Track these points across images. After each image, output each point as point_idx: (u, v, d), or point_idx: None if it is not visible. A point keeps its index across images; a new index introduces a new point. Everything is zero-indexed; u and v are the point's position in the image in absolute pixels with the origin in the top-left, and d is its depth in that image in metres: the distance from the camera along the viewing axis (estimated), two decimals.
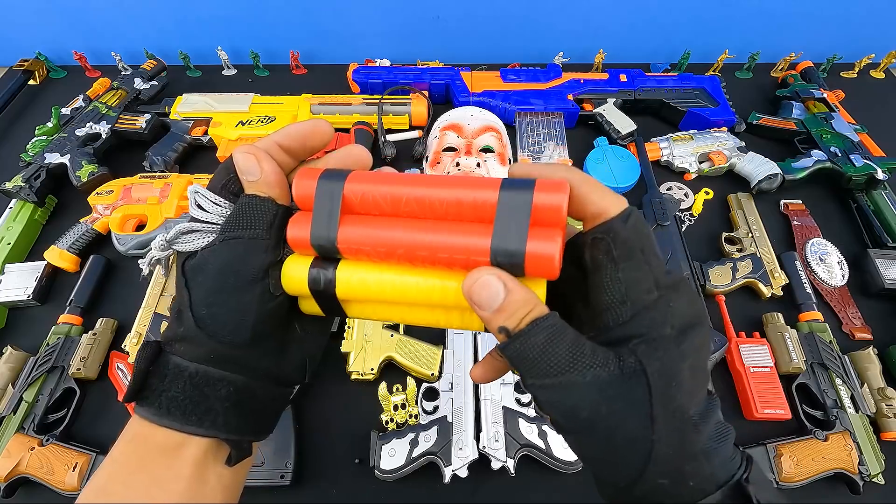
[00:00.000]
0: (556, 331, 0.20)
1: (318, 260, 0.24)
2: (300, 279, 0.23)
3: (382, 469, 0.51)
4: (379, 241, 0.22)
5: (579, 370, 0.19)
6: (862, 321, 0.66)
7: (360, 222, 0.22)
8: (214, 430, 0.24)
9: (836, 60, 0.98)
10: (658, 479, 0.19)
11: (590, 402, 0.19)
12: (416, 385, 0.58)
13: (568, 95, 0.89)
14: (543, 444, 0.52)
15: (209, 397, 0.23)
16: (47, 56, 1.00)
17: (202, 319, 0.23)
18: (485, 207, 0.21)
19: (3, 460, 0.52)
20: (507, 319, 0.20)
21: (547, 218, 0.20)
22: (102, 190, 0.75)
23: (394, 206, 0.22)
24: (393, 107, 0.88)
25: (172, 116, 0.86)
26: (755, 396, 0.57)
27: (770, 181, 0.76)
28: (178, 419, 0.23)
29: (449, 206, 0.21)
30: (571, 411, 0.19)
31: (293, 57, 1.00)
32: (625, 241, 0.20)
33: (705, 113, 0.86)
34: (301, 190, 0.23)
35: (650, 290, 0.20)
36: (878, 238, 0.72)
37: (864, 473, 0.53)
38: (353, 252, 0.22)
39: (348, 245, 0.22)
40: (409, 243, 0.21)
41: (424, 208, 0.22)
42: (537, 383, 0.20)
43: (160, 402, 0.23)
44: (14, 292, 0.66)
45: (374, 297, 0.23)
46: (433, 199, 0.21)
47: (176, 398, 0.23)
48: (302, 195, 0.23)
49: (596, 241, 0.21)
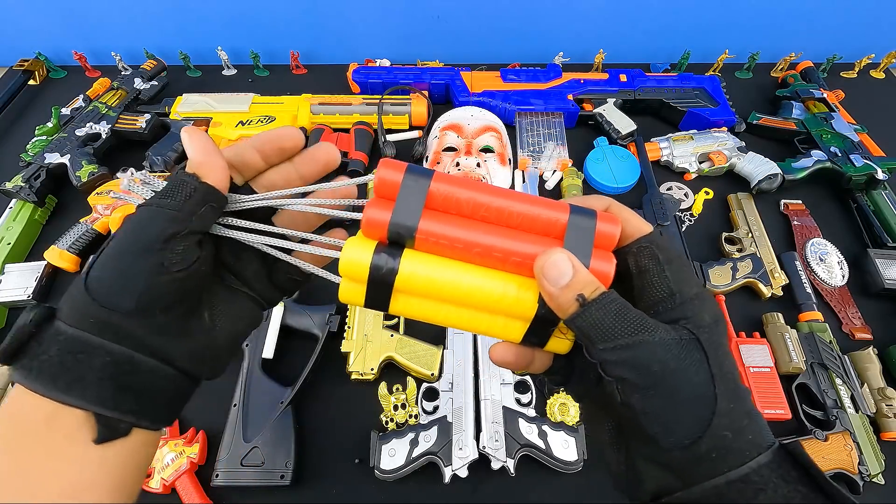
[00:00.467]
0: (622, 300, 0.22)
1: (382, 246, 0.24)
2: (361, 262, 0.24)
3: (382, 469, 0.51)
4: (459, 236, 0.23)
5: (649, 332, 0.22)
6: (862, 321, 0.66)
7: (441, 218, 0.24)
8: (82, 400, 0.22)
9: (836, 60, 0.98)
10: (723, 430, 0.21)
11: (659, 357, 0.21)
12: (416, 385, 0.58)
13: (568, 95, 0.89)
14: (543, 444, 0.52)
15: (82, 364, 0.22)
16: (47, 56, 1.00)
17: (91, 281, 0.23)
18: (556, 226, 0.24)
19: None
20: (584, 288, 0.22)
21: (605, 242, 0.24)
22: (102, 190, 0.75)
23: (473, 209, 0.24)
24: (393, 107, 0.88)
25: (172, 116, 0.86)
26: (755, 396, 0.57)
27: (770, 181, 0.76)
28: (45, 383, 0.22)
29: (523, 219, 0.24)
30: (645, 367, 0.21)
31: (293, 57, 1.00)
32: (666, 248, 0.25)
33: (705, 113, 0.86)
34: (386, 176, 0.24)
35: (693, 286, 0.24)
36: (878, 238, 0.72)
37: (864, 473, 0.53)
38: (428, 243, 0.24)
39: (427, 235, 0.23)
40: (487, 244, 0.24)
41: (501, 217, 0.24)
42: (610, 346, 0.22)
43: (31, 366, 0.22)
44: (14, 292, 0.66)
45: (431, 291, 0.24)
46: (511, 210, 0.24)
47: (47, 362, 0.22)
48: (385, 181, 0.24)
49: (642, 249, 0.25)
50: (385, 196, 0.24)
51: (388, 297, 0.25)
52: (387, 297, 0.25)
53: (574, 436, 0.53)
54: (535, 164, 0.82)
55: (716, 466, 0.21)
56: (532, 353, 0.27)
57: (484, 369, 0.57)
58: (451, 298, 0.24)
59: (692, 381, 0.21)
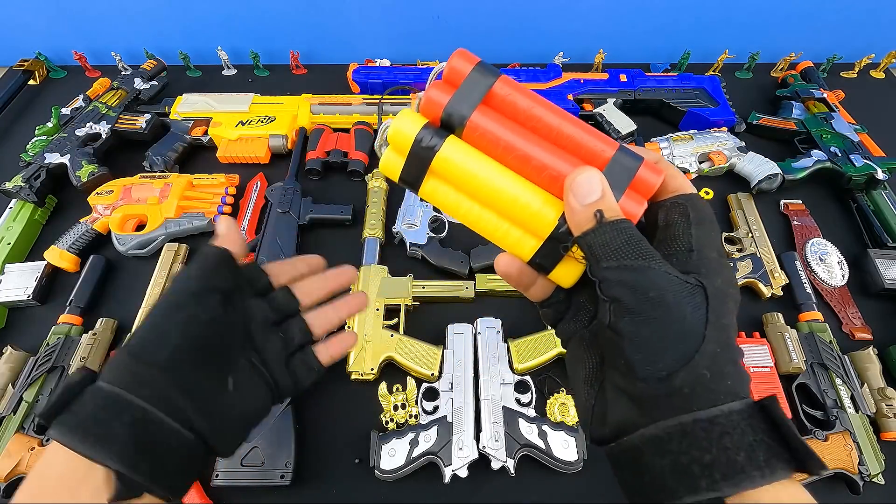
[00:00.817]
0: (639, 234, 0.23)
1: (432, 126, 0.25)
2: (408, 132, 0.25)
3: (382, 469, 0.51)
4: (503, 136, 0.24)
5: (657, 261, 0.22)
6: (862, 321, 0.66)
7: (493, 116, 0.25)
8: (107, 456, 0.23)
9: (836, 60, 0.98)
10: (702, 369, 0.21)
11: (660, 285, 0.21)
12: (416, 385, 0.58)
13: (568, 95, 0.89)
14: (543, 444, 0.52)
15: (112, 420, 0.24)
16: (47, 56, 1.00)
17: (132, 340, 0.25)
18: (600, 157, 0.24)
19: (3, 460, 0.52)
20: (605, 206, 0.23)
21: (641, 188, 0.24)
22: (102, 190, 0.75)
23: (527, 119, 0.25)
24: (393, 107, 0.87)
25: (172, 116, 0.86)
26: (755, 396, 0.57)
27: (770, 181, 0.76)
28: (76, 438, 0.23)
29: (571, 142, 0.25)
30: (642, 290, 0.21)
31: (293, 57, 1.00)
32: (700, 209, 0.24)
33: (705, 113, 0.86)
34: (457, 65, 0.25)
35: (712, 250, 0.24)
36: (878, 238, 0.72)
37: (864, 473, 0.53)
38: (475, 136, 0.25)
39: (477, 126, 0.25)
40: (527, 151, 0.24)
41: (550, 133, 0.25)
42: (613, 265, 0.22)
43: (69, 422, 0.24)
44: (14, 292, 0.66)
45: (462, 182, 0.25)
46: (562, 130, 0.25)
47: (84, 419, 0.24)
48: (455, 70, 0.25)
49: (675, 204, 0.25)
50: (451, 83, 0.25)
51: (423, 175, 0.26)
52: (420, 176, 0.26)
53: (574, 436, 0.53)
54: None
55: (686, 403, 0.21)
56: (535, 276, 0.27)
57: (484, 369, 0.57)
58: (479, 195, 0.26)
59: (685, 318, 0.21)
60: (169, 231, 0.72)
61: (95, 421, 0.24)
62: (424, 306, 0.66)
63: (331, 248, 0.74)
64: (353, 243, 0.73)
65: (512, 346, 0.59)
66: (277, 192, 0.75)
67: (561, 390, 0.58)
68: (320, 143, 0.82)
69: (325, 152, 0.81)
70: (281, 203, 0.73)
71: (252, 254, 0.69)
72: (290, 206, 0.73)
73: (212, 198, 0.76)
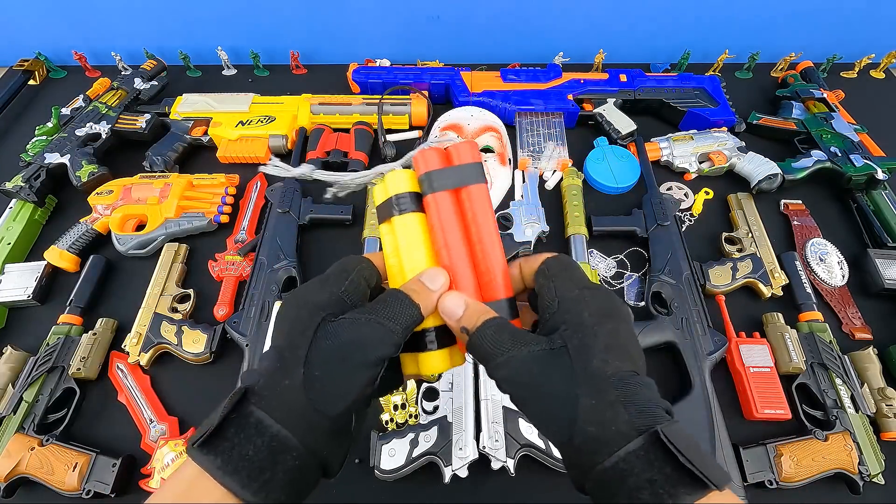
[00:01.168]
0: (501, 325, 0.27)
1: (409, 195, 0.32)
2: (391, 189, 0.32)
3: (382, 469, 0.51)
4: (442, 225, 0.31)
5: (518, 348, 0.25)
6: (862, 321, 0.66)
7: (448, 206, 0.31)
8: (265, 501, 0.22)
9: (836, 60, 0.98)
10: (588, 426, 0.23)
11: (526, 369, 0.25)
12: (416, 385, 0.58)
13: (568, 95, 0.89)
14: (543, 444, 0.52)
15: (277, 465, 0.22)
16: (47, 56, 1.00)
17: (311, 380, 0.23)
18: (495, 282, 0.32)
19: (3, 460, 0.52)
20: (467, 322, 0.27)
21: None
22: (102, 190, 0.75)
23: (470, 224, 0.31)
24: (393, 107, 0.87)
25: (172, 116, 0.86)
26: (755, 396, 0.57)
27: (770, 181, 0.76)
28: (240, 481, 0.21)
29: (483, 261, 0.31)
30: (514, 378, 0.25)
31: (293, 57, 1.00)
32: (554, 262, 0.29)
33: (705, 113, 0.86)
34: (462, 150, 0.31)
35: (572, 289, 0.27)
36: (878, 238, 0.72)
37: (864, 473, 0.53)
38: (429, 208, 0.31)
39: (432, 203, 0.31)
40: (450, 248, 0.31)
41: (473, 247, 0.31)
42: (492, 364, 0.26)
43: (230, 457, 0.21)
44: (14, 292, 0.66)
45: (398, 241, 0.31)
46: (484, 250, 0.31)
47: (247, 457, 0.22)
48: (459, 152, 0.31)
49: (538, 273, 0.29)
50: (446, 157, 0.31)
51: (385, 218, 0.32)
52: (384, 217, 0.32)
53: None
54: (535, 164, 0.82)
55: (592, 458, 0.22)
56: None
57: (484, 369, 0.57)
58: (402, 258, 0.31)
59: (556, 387, 0.24)
60: (169, 231, 0.72)
61: (261, 467, 0.22)
62: None
63: (331, 248, 0.74)
64: (353, 243, 0.73)
65: None
66: (277, 191, 0.75)
67: None
68: (320, 142, 0.82)
69: (325, 152, 0.81)
70: (281, 203, 0.73)
71: (252, 253, 0.69)
72: (290, 206, 0.73)
73: (212, 198, 0.76)
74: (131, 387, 0.59)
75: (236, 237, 0.73)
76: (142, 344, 0.61)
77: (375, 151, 0.85)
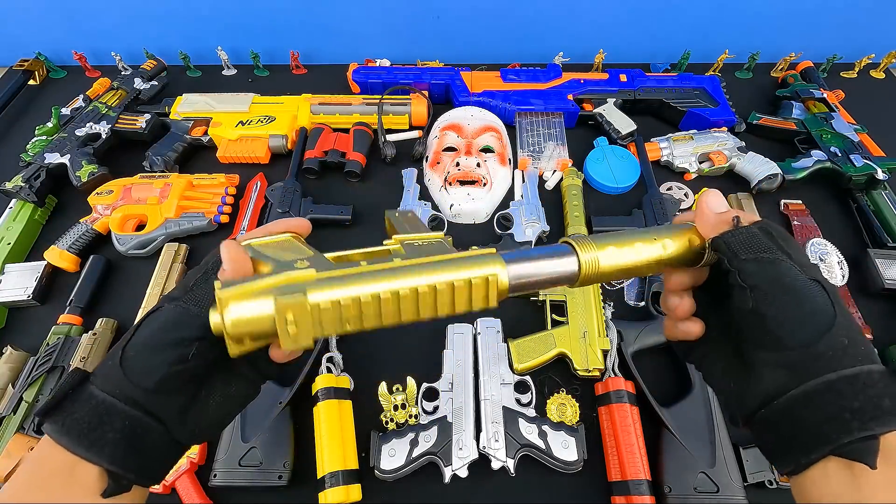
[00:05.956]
0: (765, 236, 0.28)
1: None
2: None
3: (382, 469, 0.51)
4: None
5: (790, 256, 0.27)
6: (862, 321, 0.66)
7: None
8: (98, 457, 0.26)
9: (836, 60, 0.98)
10: (840, 337, 0.24)
11: (793, 274, 0.26)
12: (416, 385, 0.58)
13: (568, 95, 0.89)
14: (543, 444, 0.52)
15: (105, 425, 0.26)
16: (47, 56, 1.00)
17: (126, 360, 0.27)
18: None
19: (3, 460, 0.52)
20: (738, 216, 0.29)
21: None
22: (102, 190, 0.75)
23: None
24: (393, 107, 0.87)
25: (172, 116, 0.86)
26: None
27: (770, 181, 0.76)
28: (72, 440, 0.25)
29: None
30: (777, 278, 0.26)
31: (293, 57, 1.00)
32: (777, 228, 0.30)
33: (705, 113, 0.86)
34: None
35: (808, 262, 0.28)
36: (878, 238, 0.72)
37: None
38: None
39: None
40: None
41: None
42: (752, 257, 0.27)
43: (63, 421, 0.26)
44: (14, 292, 0.66)
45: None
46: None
47: (77, 420, 0.26)
48: None
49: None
50: None
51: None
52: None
53: (574, 436, 0.53)
54: (535, 163, 0.82)
55: (830, 364, 0.24)
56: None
57: (484, 369, 0.57)
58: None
59: (816, 299, 0.25)
60: (169, 231, 0.72)
61: (89, 425, 0.26)
62: None
63: (330, 248, 0.74)
64: (353, 243, 0.72)
65: (512, 346, 0.59)
66: (277, 191, 0.75)
67: (561, 390, 0.58)
68: (319, 142, 0.82)
69: (324, 152, 0.81)
70: (281, 203, 0.73)
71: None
72: (290, 206, 0.73)
73: (212, 198, 0.76)
74: None
75: (236, 237, 0.73)
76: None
77: (374, 152, 0.85)
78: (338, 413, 0.53)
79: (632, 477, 0.50)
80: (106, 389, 0.27)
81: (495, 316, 0.62)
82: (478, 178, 0.75)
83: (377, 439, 0.53)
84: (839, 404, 0.23)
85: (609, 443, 0.53)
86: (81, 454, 0.25)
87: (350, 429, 0.54)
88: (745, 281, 0.26)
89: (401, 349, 0.63)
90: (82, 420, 0.26)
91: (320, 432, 0.52)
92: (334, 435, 0.52)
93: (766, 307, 0.25)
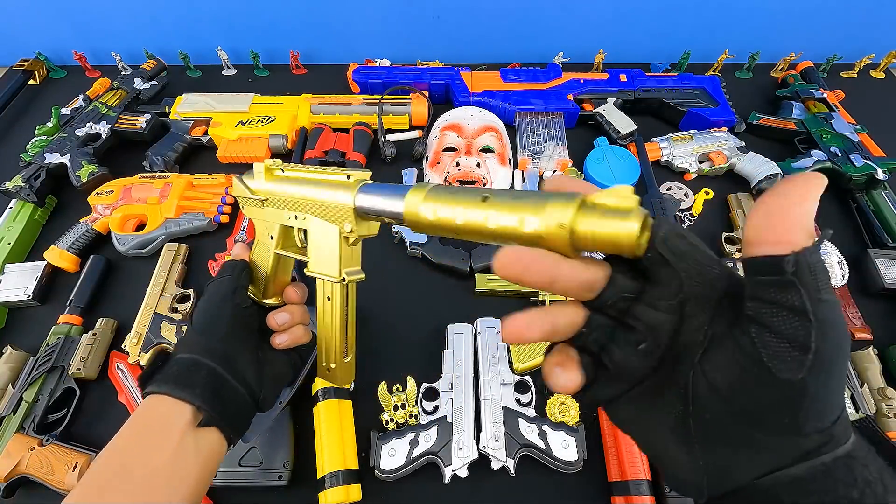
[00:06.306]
0: None
1: None
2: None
3: (382, 469, 0.51)
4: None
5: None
6: (862, 321, 0.66)
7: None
8: (192, 397, 0.35)
9: (836, 60, 0.98)
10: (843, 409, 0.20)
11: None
12: (416, 385, 0.58)
13: (568, 95, 0.89)
14: (543, 444, 0.52)
15: (193, 375, 0.36)
16: (47, 56, 1.00)
17: (196, 323, 0.40)
18: None
19: (3, 460, 0.52)
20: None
21: None
22: (102, 190, 0.75)
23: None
24: (393, 107, 0.87)
25: (172, 116, 0.86)
26: None
27: (770, 181, 0.76)
28: (170, 387, 0.35)
29: None
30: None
31: (293, 57, 1.00)
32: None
33: (705, 113, 0.86)
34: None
35: None
36: (878, 238, 0.72)
37: None
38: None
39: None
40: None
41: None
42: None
43: (161, 379, 0.36)
44: (14, 292, 0.66)
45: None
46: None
47: (172, 375, 0.36)
48: None
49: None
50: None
51: None
52: None
53: (574, 436, 0.53)
54: (535, 163, 0.82)
55: (821, 446, 0.19)
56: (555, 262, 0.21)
57: (484, 369, 0.57)
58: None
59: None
60: (169, 231, 0.72)
61: (181, 376, 0.36)
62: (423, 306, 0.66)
63: None
64: None
65: (512, 346, 0.59)
66: None
67: None
68: (319, 142, 0.82)
69: (324, 152, 0.81)
70: None
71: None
72: None
73: (212, 198, 0.76)
74: (131, 387, 0.59)
75: (236, 237, 0.73)
76: (142, 344, 0.61)
77: (374, 152, 0.85)
78: (338, 413, 0.53)
79: (632, 477, 0.50)
80: (186, 351, 0.37)
81: (495, 316, 0.62)
82: (478, 178, 0.75)
83: (377, 439, 0.53)
84: (836, 492, 0.19)
85: (609, 443, 0.53)
86: (178, 395, 0.35)
87: (350, 429, 0.54)
88: (817, 336, 0.17)
89: (401, 349, 0.63)
90: (177, 374, 0.36)
91: (320, 432, 0.52)
92: (334, 435, 0.52)
93: (812, 378, 0.17)
